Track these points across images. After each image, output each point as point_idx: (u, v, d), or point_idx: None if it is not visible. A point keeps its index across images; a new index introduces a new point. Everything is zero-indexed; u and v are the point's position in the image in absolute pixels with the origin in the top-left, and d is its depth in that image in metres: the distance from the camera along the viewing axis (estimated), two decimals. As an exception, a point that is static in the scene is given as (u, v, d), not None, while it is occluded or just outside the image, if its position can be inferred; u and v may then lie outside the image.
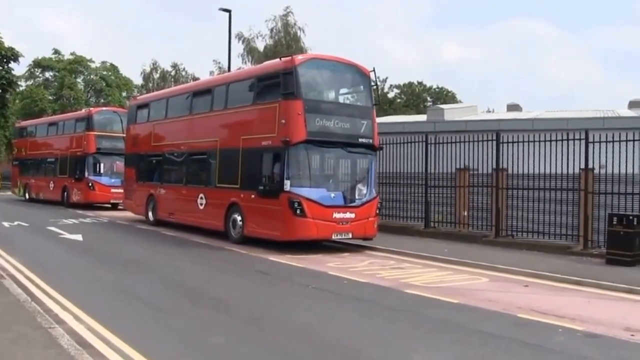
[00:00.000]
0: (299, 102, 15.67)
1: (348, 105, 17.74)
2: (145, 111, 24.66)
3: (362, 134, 16.80)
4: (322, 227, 15.70)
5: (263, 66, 18.38)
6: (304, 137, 15.62)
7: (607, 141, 15.50)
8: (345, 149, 16.70)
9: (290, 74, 15.76)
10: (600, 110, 30.19)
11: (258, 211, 16.62)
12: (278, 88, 16.20)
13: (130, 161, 25.32)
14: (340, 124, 16.44)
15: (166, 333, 8.25)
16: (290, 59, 16.18)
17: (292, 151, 15.58)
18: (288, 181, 15.48)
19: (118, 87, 60.98)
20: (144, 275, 12.67)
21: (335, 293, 11.08)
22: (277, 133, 15.87)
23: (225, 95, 19.10)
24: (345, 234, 16.19)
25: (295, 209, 15.38)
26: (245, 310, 9.72)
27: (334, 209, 15.90)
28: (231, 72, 21.13)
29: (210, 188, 19.24)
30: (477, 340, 8.07)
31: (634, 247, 14.20)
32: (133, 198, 24.69)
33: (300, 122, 15.63)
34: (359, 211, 16.35)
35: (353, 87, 18.12)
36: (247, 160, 17.27)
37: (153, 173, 23.40)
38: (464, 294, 10.93)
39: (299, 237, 15.79)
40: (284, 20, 36.93)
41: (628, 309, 10.29)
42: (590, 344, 7.95)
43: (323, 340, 8.01)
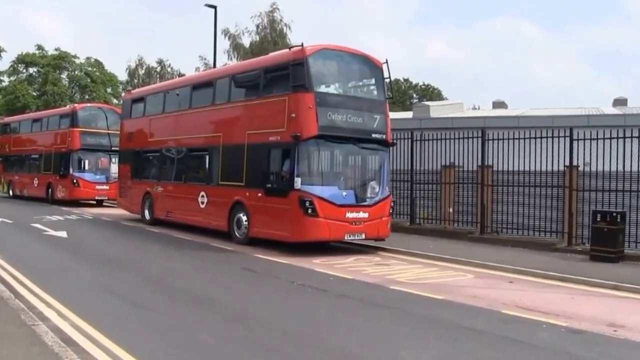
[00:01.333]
0: (310, 95, 14.84)
1: (360, 99, 16.59)
2: (140, 105, 23.72)
3: (375, 129, 15.99)
4: (334, 227, 14.89)
5: (270, 57, 17.36)
6: (315, 132, 14.79)
7: (591, 138, 15.60)
8: (357, 145, 15.79)
9: (300, 65, 14.90)
10: (585, 108, 30.41)
11: (265, 210, 15.77)
12: (287, 80, 15.35)
13: (125, 158, 24.39)
14: (352, 119, 15.58)
15: (151, 330, 8.22)
16: (300, 49, 15.14)
17: (303, 147, 14.77)
18: (299, 179, 14.66)
19: (103, 83, 60.66)
20: (129, 273, 12.61)
21: (320, 290, 11.07)
22: (287, 128, 15.03)
23: (229, 88, 18.20)
24: (358, 234, 15.36)
25: (306, 209, 14.56)
26: (232, 308, 9.71)
27: (347, 208, 15.07)
28: (235, 63, 20.04)
29: (212, 186, 18.36)
30: (462, 336, 8.11)
31: (617, 243, 14.33)
32: (128, 196, 23.87)
33: (312, 116, 14.77)
34: (372, 210, 15.54)
35: (365, 80, 17.23)
36: (253, 156, 16.36)
37: (149, 170, 22.67)
38: (449, 291, 10.97)
39: (310, 239, 15.00)
40: (270, 17, 36.90)
41: (611, 305, 10.36)
42: (574, 340, 8.01)
43: (309, 337, 8.02)
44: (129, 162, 23.68)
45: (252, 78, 17.37)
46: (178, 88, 21.90)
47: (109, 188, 30.63)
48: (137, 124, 23.62)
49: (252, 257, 14.68)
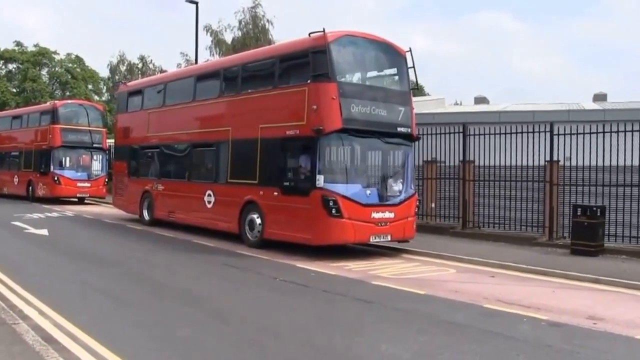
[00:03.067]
0: (333, 85, 13.67)
1: (384, 90, 15.34)
2: (138, 98, 22.30)
3: (400, 122, 14.85)
4: (359, 229, 13.74)
5: (287, 44, 16.01)
6: (339, 126, 13.65)
7: (571, 133, 15.73)
8: (381, 140, 14.59)
9: (322, 52, 13.74)
10: (566, 103, 30.61)
11: (282, 211, 14.61)
12: (305, 69, 14.33)
13: (120, 154, 23.14)
14: (376, 111, 14.42)
15: (133, 327, 8.18)
16: (322, 36, 13.80)
17: (325, 141, 13.75)
18: (321, 176, 13.55)
19: (84, 79, 60.07)
20: (110, 270, 12.52)
21: (302, 285, 11.08)
22: (307, 121, 13.87)
23: (239, 78, 16.97)
24: (383, 236, 14.21)
25: (330, 209, 13.41)
26: (215, 304, 9.70)
27: (372, 208, 13.96)
28: (246, 52, 18.51)
29: (221, 184, 17.10)
30: (443, 330, 8.16)
31: (597, 237, 14.49)
32: (125, 195, 22.59)
33: (335, 108, 13.61)
34: (398, 210, 14.44)
35: (388, 69, 15.92)
36: (267, 152, 15.20)
37: (148, 167, 21.30)
38: (431, 285, 11.03)
39: (333, 241, 13.91)
40: (252, 13, 36.79)
41: (591, 298, 10.46)
42: (554, 333, 8.08)
43: (290, 332, 8.02)
44: (125, 158, 22.48)
45: (265, 67, 16.21)
46: (180, 79, 20.76)
47: (90, 185, 30.55)
48: (134, 118, 22.33)
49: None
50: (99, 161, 31.57)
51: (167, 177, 20.08)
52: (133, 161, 22.03)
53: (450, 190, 19.02)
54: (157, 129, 20.64)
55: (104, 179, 31.29)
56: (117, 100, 25.85)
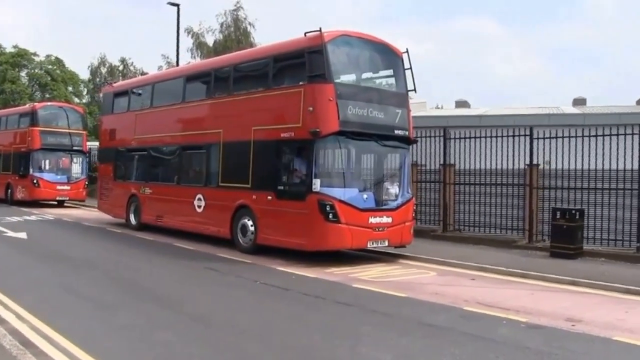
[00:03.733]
0: (330, 86, 13.29)
1: (383, 91, 15.10)
2: (124, 99, 21.71)
3: (397, 124, 14.54)
4: (356, 234, 13.42)
5: (281, 44, 15.28)
6: (336, 128, 13.27)
7: (551, 137, 15.86)
8: (379, 142, 14.27)
9: (318, 52, 13.38)
10: (546, 107, 30.88)
11: (276, 215, 14.19)
12: (301, 69, 14.04)
13: (106, 157, 22.61)
14: (374, 113, 14.08)
15: (112, 330, 8.12)
16: (318, 35, 13.42)
17: (322, 144, 13.43)
18: (317, 180, 13.17)
19: (64, 81, 59.54)
20: (89, 273, 12.44)
21: (283, 288, 11.05)
22: (302, 123, 13.52)
23: (231, 79, 16.48)
24: (381, 241, 13.95)
25: (327, 214, 13.05)
26: (195, 307, 9.66)
27: (370, 212, 13.67)
28: (238, 52, 17.93)
29: (212, 188, 16.64)
30: (423, 333, 8.20)
31: (576, 240, 14.62)
32: (110, 199, 21.95)
33: (332, 110, 13.25)
34: (395, 215, 14.16)
35: (385, 70, 15.53)
36: (260, 155, 14.79)
37: (135, 170, 20.75)
38: (411, 288, 11.06)
39: (330, 247, 13.63)
40: (234, 15, 36.72)
41: (570, 300, 10.54)
42: (534, 335, 8.13)
43: (271, 335, 8.00)
44: (111, 161, 21.86)
45: (258, 68, 15.80)
46: (169, 80, 20.34)
47: (70, 188, 30.32)
48: (120, 120, 21.76)
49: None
50: (78, 164, 31.36)
51: (155, 180, 19.57)
52: (119, 164, 21.47)
53: (431, 194, 19.10)
54: (144, 131, 20.09)
55: (84, 181, 31.09)
56: (102, 102, 25.29)
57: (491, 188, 17.43)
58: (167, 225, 18.54)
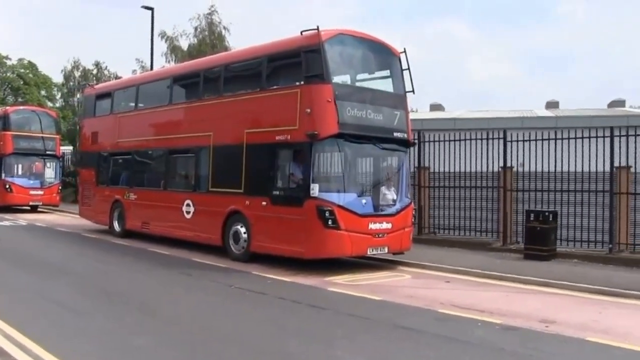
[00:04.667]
0: (328, 87, 12.76)
1: (381, 93, 14.31)
2: (106, 102, 20.88)
3: (396, 127, 14.07)
4: (356, 241, 12.87)
5: (276, 43, 14.60)
6: (335, 130, 12.72)
7: (524, 140, 16.00)
8: (377, 145, 13.79)
9: (315, 51, 12.87)
10: (519, 111, 31.17)
11: (271, 221, 13.57)
12: (297, 69, 13.52)
13: (87, 161, 21.80)
14: (372, 115, 13.57)
15: (86, 336, 8.00)
16: (316, 34, 12.88)
17: (320, 147, 12.82)
18: (316, 185, 12.59)
19: (37, 85, 58.92)
20: (64, 279, 12.27)
21: (258, 293, 11.01)
22: (299, 125, 12.94)
23: (221, 80, 15.78)
24: (381, 248, 13.44)
25: (326, 220, 12.47)
26: (170, 312, 9.58)
27: (370, 218, 13.16)
28: (229, 51, 16.84)
29: (201, 193, 15.98)
30: (398, 336, 8.20)
31: (549, 242, 14.76)
32: (92, 204, 21.10)
33: (331, 112, 12.71)
34: (395, 220, 13.66)
35: (384, 70, 14.91)
36: (254, 159, 14.22)
37: (119, 175, 19.89)
38: (387, 291, 11.08)
39: (329, 254, 13.12)
40: (208, 19, 36.42)
41: (544, 301, 10.63)
42: (508, 337, 8.20)
43: (246, 339, 7.94)
44: (93, 166, 21.08)
45: (251, 68, 15.19)
46: (155, 81, 19.55)
47: (43, 193, 29.98)
48: (103, 123, 20.88)
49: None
50: (52, 168, 31.09)
51: (140, 185, 18.84)
52: (102, 169, 20.73)
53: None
54: (128, 135, 19.36)
55: (57, 186, 30.81)
56: (83, 104, 24.56)
57: (465, 191, 17.54)
58: (153, 232, 17.89)
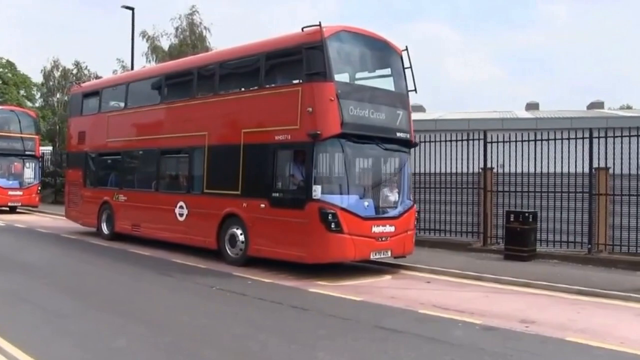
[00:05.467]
0: (331, 85, 12.33)
1: (384, 91, 13.89)
2: (94, 100, 20.25)
3: (398, 127, 13.69)
4: (359, 244, 12.43)
5: (275, 40, 14.22)
6: (338, 130, 12.29)
7: (504, 141, 16.10)
8: (380, 146, 13.36)
9: (317, 48, 12.43)
10: (500, 112, 31.39)
11: (270, 224, 13.11)
12: (297, 67, 13.18)
13: (74, 162, 21.12)
14: (375, 114, 13.18)
15: (65, 338, 7.91)
16: (318, 30, 12.45)
17: (322, 148, 12.36)
18: (318, 187, 12.15)
19: (15, 85, 58.49)
20: (42, 280, 12.14)
21: (239, 294, 10.96)
22: (301, 125, 12.52)
23: (216, 77, 15.29)
24: (384, 252, 12.99)
25: (328, 223, 12.02)
26: (150, 313, 9.52)
27: (373, 221, 12.78)
28: (224, 48, 16.56)
29: (195, 195, 15.48)
30: (379, 336, 8.20)
31: (529, 242, 14.86)
32: (79, 206, 20.53)
33: (334, 111, 12.28)
34: (398, 223, 13.25)
35: (386, 69, 14.48)
36: (252, 159, 13.78)
37: (108, 176, 19.39)
38: (367, 292, 11.10)
39: (332, 259, 12.63)
40: (189, 20, 36.24)
41: (524, 302, 10.69)
42: (488, 337, 8.23)
43: (227, 341, 7.92)
44: (80, 166, 20.46)
45: (248, 65, 14.75)
46: (146, 79, 19.01)
47: (22, 194, 29.77)
48: (91, 122, 20.27)
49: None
50: (31, 169, 30.89)
51: (130, 186, 18.29)
52: (89, 169, 20.21)
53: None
54: (118, 134, 18.80)
55: (36, 187, 30.58)
56: (70, 103, 23.98)
57: (446, 192, 17.61)
58: (144, 235, 17.35)
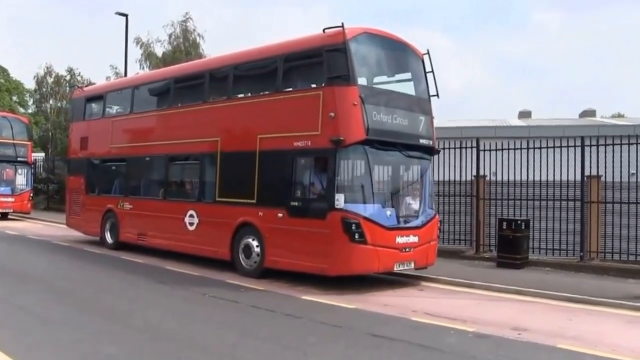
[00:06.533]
0: (354, 89, 11.81)
1: (407, 96, 13.31)
2: (98, 105, 19.77)
3: (421, 133, 13.16)
4: (384, 256, 11.90)
5: (293, 42, 13.62)
6: (363, 136, 11.77)
7: (497, 149, 16.14)
8: (403, 153, 12.85)
9: (340, 50, 11.96)
10: (493, 120, 31.52)
11: (289, 235, 12.53)
12: (316, 70, 12.76)
13: (76, 168, 20.47)
14: (398, 120, 12.63)
15: (56, 345, 7.86)
16: (340, 31, 11.97)
17: (345, 154, 11.83)
18: (341, 195, 11.58)
19: (8, 90, 58.22)
20: (34, 287, 12.05)
21: (232, 301, 10.94)
22: (322, 130, 11.95)
23: (229, 81, 14.72)
24: (407, 263, 12.47)
25: (352, 233, 11.47)
26: (143, 320, 9.48)
27: (397, 231, 12.20)
28: (238, 51, 15.55)
29: (207, 203, 14.85)
30: (372, 344, 8.18)
31: (522, 250, 14.89)
32: (82, 214, 19.81)
33: (357, 116, 11.75)
34: (422, 233, 12.72)
35: (408, 72, 13.85)
36: (268, 167, 13.18)
37: (112, 183, 18.71)
38: (360, 300, 11.09)
39: (356, 271, 12.14)
40: (183, 26, 36.27)
41: (516, 309, 10.71)
42: (480, 344, 8.23)
43: (219, 347, 7.89)
44: (83, 173, 19.81)
45: (264, 68, 14.25)
46: (153, 82, 18.41)
47: (14, 200, 29.60)
48: (94, 127, 19.66)
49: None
50: (23, 175, 30.73)
51: (136, 194, 17.69)
52: (92, 176, 19.51)
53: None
54: (123, 140, 18.28)
55: (28, 193, 30.43)
56: (72, 107, 23.37)
57: (438, 199, 17.61)
58: (151, 244, 16.67)
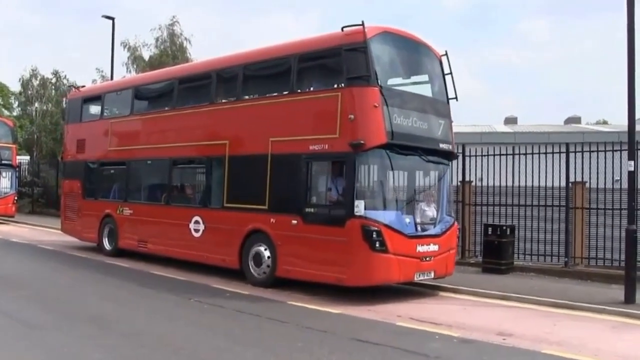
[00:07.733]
0: (375, 90, 11.26)
1: (427, 99, 12.86)
2: (96, 106, 19.12)
3: (440, 137, 12.62)
4: (404, 265, 11.38)
5: (309, 40, 13.12)
6: (384, 140, 11.24)
7: (482, 155, 16.21)
8: (422, 157, 12.26)
9: (360, 50, 11.38)
10: (479, 126, 31.64)
11: (303, 243, 11.95)
12: (334, 70, 12.41)
13: (72, 172, 19.81)
14: (418, 123, 12.09)
15: (40, 352, 7.79)
16: (360, 30, 11.38)
17: (364, 159, 11.32)
18: (361, 202, 11.01)
19: (-8, 93, 58.01)
20: (19, 292, 11.88)
21: (217, 306, 10.91)
22: (340, 133, 11.40)
23: (239, 81, 14.07)
24: (427, 273, 11.91)
25: (372, 242, 10.92)
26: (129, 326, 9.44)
27: (417, 240, 11.69)
28: (249, 50, 14.96)
29: (214, 209, 14.19)
30: (356, 348, 8.18)
31: (507, 255, 14.95)
32: (78, 219, 19.09)
33: (378, 118, 11.22)
34: (442, 241, 12.24)
35: (427, 74, 13.34)
36: (281, 171, 12.56)
37: (110, 187, 18.05)
38: (345, 305, 11.08)
39: (375, 282, 11.54)
40: (170, 30, 36.22)
41: (501, 314, 10.75)
42: (465, 349, 8.26)
43: (204, 353, 7.87)
44: (79, 177, 19.09)
45: (277, 67, 13.64)
46: (155, 83, 17.84)
47: (-1, 204, 29.36)
48: (91, 129, 18.96)
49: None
50: (7, 178, 30.45)
51: (136, 199, 17.03)
52: (90, 180, 18.80)
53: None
54: (123, 142, 17.62)
55: (13, 197, 30.14)
56: (68, 108, 22.49)
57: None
58: (152, 251, 16.07)
